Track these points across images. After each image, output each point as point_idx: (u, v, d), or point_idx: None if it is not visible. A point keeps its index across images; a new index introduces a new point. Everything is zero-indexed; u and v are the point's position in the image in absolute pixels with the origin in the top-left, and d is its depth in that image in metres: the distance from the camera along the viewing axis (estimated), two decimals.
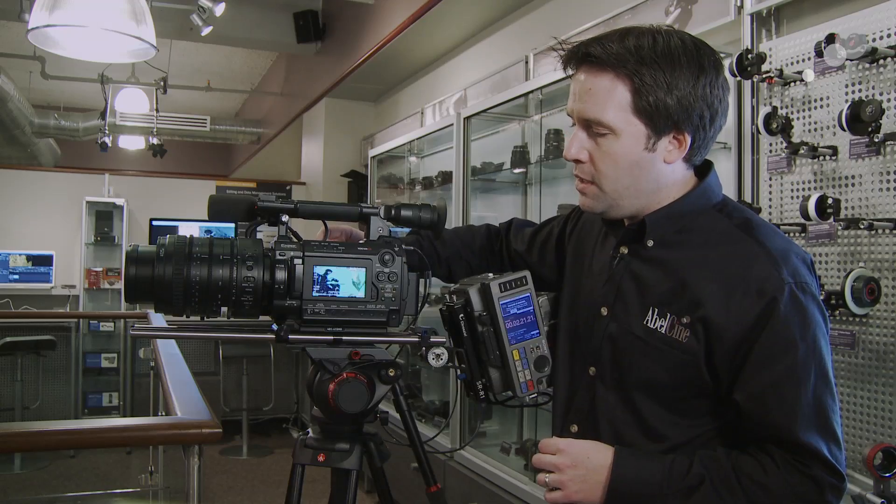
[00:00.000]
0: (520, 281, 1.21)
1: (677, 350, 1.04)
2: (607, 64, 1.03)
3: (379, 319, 1.13)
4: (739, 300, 1.01)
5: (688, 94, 1.03)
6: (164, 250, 1.05)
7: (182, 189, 6.57)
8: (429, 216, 1.22)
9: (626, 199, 1.10)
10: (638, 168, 1.07)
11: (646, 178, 1.08)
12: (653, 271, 1.10)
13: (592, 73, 1.06)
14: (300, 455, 1.20)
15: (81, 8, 2.73)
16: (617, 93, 1.04)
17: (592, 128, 1.07)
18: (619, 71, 1.03)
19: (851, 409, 1.99)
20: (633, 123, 1.04)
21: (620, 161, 1.06)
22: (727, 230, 1.07)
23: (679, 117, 1.04)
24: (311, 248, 1.10)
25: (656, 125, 1.04)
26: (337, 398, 1.10)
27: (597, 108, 1.05)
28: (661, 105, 1.03)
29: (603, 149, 1.06)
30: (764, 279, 1.00)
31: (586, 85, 1.06)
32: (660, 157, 1.06)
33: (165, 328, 1.25)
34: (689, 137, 1.05)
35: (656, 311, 1.07)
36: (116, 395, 6.04)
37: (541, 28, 3.81)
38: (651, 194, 1.10)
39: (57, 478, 4.89)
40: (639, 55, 1.02)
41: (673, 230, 1.10)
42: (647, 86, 1.02)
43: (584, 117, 1.07)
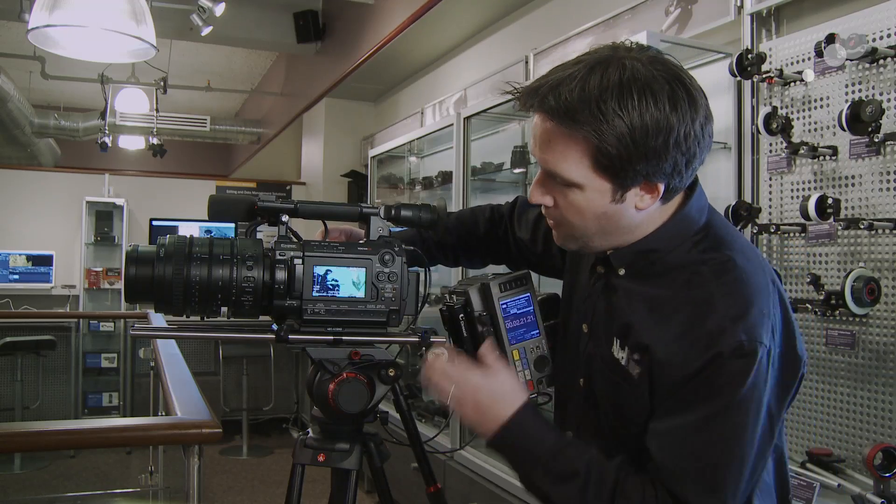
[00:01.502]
0: (520, 281, 1.21)
1: (628, 384, 1.01)
2: (563, 122, 0.94)
3: (379, 319, 1.13)
4: (686, 350, 0.94)
5: (656, 144, 0.92)
6: (164, 250, 1.05)
7: (182, 189, 6.57)
8: (429, 216, 1.22)
9: (596, 241, 1.05)
10: (605, 218, 1.00)
11: (616, 225, 1.02)
12: (619, 300, 1.06)
13: (550, 126, 0.96)
14: (300, 455, 1.19)
15: (81, 8, 2.73)
16: (576, 151, 0.95)
17: (556, 178, 0.99)
18: (576, 130, 0.93)
19: (851, 409, 1.99)
20: (597, 180, 0.96)
21: (586, 213, 1.00)
22: (696, 271, 0.99)
23: (648, 171, 0.95)
24: (311, 248, 1.10)
25: (622, 181, 0.96)
26: (337, 398, 1.10)
27: (557, 161, 0.97)
28: (625, 161, 0.93)
29: (568, 199, 1.00)
30: (716, 334, 0.93)
31: (545, 136, 0.98)
32: (630, 205, 0.99)
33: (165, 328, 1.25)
34: (662, 186, 0.97)
35: (618, 342, 1.04)
36: (116, 395, 6.04)
37: (541, 28, 3.81)
38: (623, 234, 1.03)
39: (57, 478, 4.89)
40: (598, 108, 0.91)
41: (643, 263, 1.04)
42: (608, 144, 0.92)
43: (545, 168, 1.00)
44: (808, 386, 2.12)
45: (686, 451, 0.94)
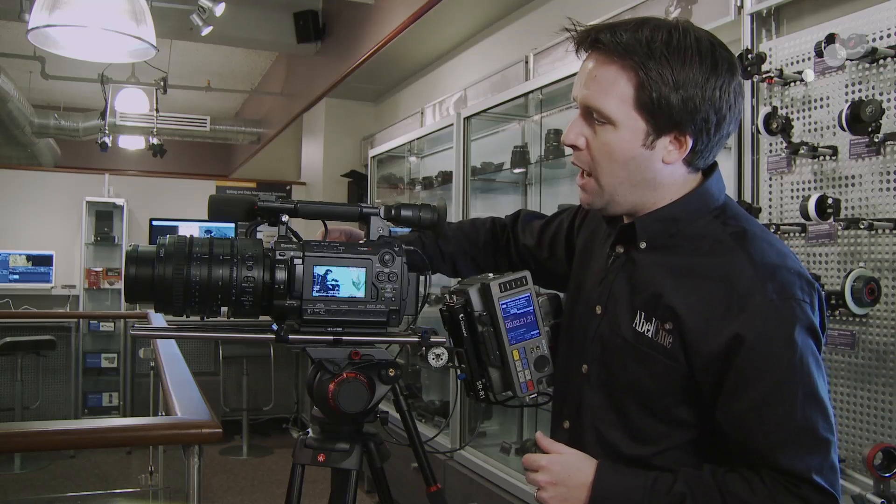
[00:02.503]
0: (520, 281, 1.21)
1: (661, 355, 1.01)
2: (615, 53, 1.01)
3: (379, 319, 1.13)
4: (718, 317, 0.96)
5: (695, 94, 0.98)
6: (164, 250, 1.05)
7: (182, 189, 6.57)
8: (429, 216, 1.22)
9: (621, 193, 1.06)
10: (634, 163, 1.03)
11: (642, 175, 1.04)
12: (642, 274, 1.07)
13: (600, 61, 1.04)
14: (300, 455, 1.20)
15: (81, 8, 2.73)
16: (620, 84, 1.01)
17: (593, 115, 1.04)
18: (626, 62, 1.00)
19: (851, 409, 1.99)
20: (633, 118, 1.01)
21: (616, 154, 1.03)
22: (719, 239, 1.02)
23: (682, 118, 0.99)
24: (311, 248, 1.10)
25: (657, 123, 1.00)
26: (337, 398, 1.10)
27: (599, 96, 1.02)
28: (664, 103, 0.98)
29: (600, 138, 1.04)
30: (745, 296, 0.95)
31: (592, 72, 1.05)
32: (658, 155, 1.02)
33: (165, 328, 1.25)
34: (691, 140, 1.01)
35: (643, 315, 1.04)
36: (116, 395, 6.04)
37: (541, 28, 3.81)
38: (647, 191, 1.05)
39: (57, 478, 4.89)
40: (649, 48, 0.98)
41: (666, 234, 1.06)
42: (653, 81, 0.98)
43: (585, 104, 1.05)
44: None
45: (773, 423, 0.94)
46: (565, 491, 1.02)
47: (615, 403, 1.08)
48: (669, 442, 1.03)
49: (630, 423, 1.06)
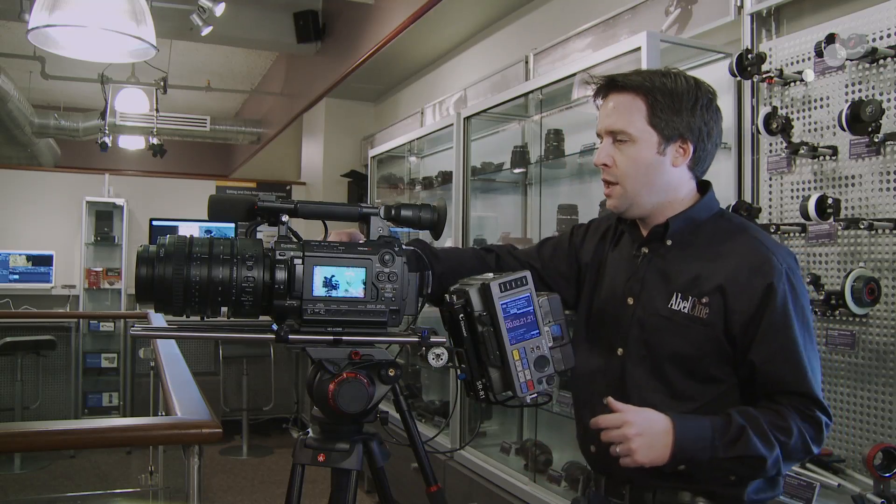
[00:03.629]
0: (520, 281, 1.21)
1: (699, 325, 1.27)
2: (630, 87, 1.33)
3: (379, 319, 1.13)
4: (747, 280, 1.26)
5: (688, 113, 1.32)
6: (164, 250, 1.05)
7: (182, 189, 6.56)
8: (429, 216, 1.22)
9: (643, 196, 1.34)
10: (652, 169, 1.32)
11: (658, 178, 1.33)
12: (673, 264, 1.34)
13: (618, 94, 1.35)
14: (300, 455, 1.19)
15: (81, 8, 2.72)
16: (636, 107, 1.32)
17: (617, 137, 1.33)
18: (638, 91, 1.32)
19: (851, 409, 1.99)
20: (648, 132, 1.31)
21: (638, 162, 1.32)
22: (729, 230, 1.36)
23: (683, 129, 1.32)
24: (311, 248, 1.10)
25: (665, 134, 1.31)
26: (337, 398, 1.09)
27: (621, 120, 1.32)
28: (668, 119, 1.31)
29: (624, 153, 1.33)
30: (764, 262, 1.27)
31: (613, 104, 1.35)
32: (668, 160, 1.33)
33: (165, 328, 1.25)
34: (692, 146, 1.33)
35: (679, 296, 1.30)
36: (116, 395, 6.04)
37: (541, 28, 3.81)
38: (662, 193, 1.35)
39: (57, 478, 4.89)
40: (652, 81, 1.33)
41: (688, 232, 1.36)
42: (659, 103, 1.31)
43: (611, 129, 1.34)
44: None
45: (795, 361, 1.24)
46: (650, 439, 1.19)
47: (657, 372, 1.31)
48: (704, 398, 1.29)
49: (671, 386, 1.30)
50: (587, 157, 2.92)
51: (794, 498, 1.79)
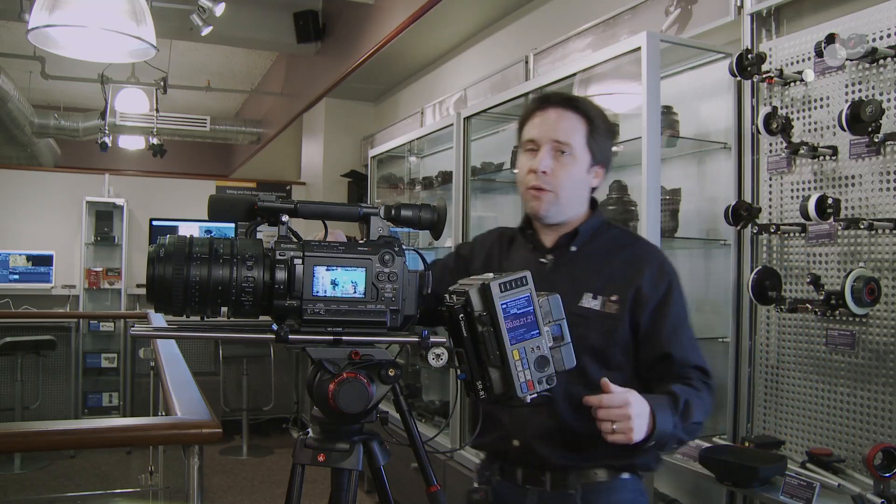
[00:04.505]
0: (520, 281, 1.21)
1: (610, 320, 1.45)
2: (578, 107, 1.50)
3: (379, 319, 1.12)
4: (651, 280, 1.47)
5: (608, 144, 1.55)
6: (164, 250, 1.05)
7: (182, 189, 6.56)
8: (429, 216, 1.22)
9: (568, 206, 1.51)
10: (581, 184, 1.51)
11: (582, 193, 1.53)
12: (581, 268, 1.51)
13: (565, 111, 1.50)
14: (300, 455, 1.19)
15: (81, 8, 2.72)
16: (580, 127, 1.49)
17: (561, 149, 1.47)
18: (585, 115, 1.49)
19: (851, 409, 1.99)
20: (585, 151, 1.49)
21: (575, 176, 1.49)
22: (622, 236, 1.61)
23: (603, 156, 1.53)
24: (311, 248, 1.10)
25: (595, 157, 1.51)
26: (337, 398, 1.09)
27: (567, 134, 1.48)
28: (600, 144, 1.51)
29: (564, 165, 1.48)
30: (662, 263, 1.51)
31: (559, 117, 1.49)
32: (589, 180, 1.53)
33: (165, 328, 1.25)
34: (603, 172, 1.55)
35: (590, 296, 1.47)
36: (116, 395, 6.03)
37: (541, 28, 3.81)
38: (579, 207, 1.54)
39: (57, 478, 4.89)
40: (591, 107, 1.53)
41: (590, 240, 1.54)
42: (596, 129, 1.50)
43: (556, 139, 1.47)
44: (808, 386, 2.12)
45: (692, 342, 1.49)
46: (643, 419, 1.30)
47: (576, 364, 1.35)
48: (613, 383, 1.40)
49: (587, 376, 1.41)
50: None
51: (794, 498, 1.79)
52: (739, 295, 2.36)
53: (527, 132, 1.52)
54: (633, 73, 2.43)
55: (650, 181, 2.25)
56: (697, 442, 2.17)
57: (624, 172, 2.81)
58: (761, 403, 2.27)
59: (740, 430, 2.32)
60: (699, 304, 2.59)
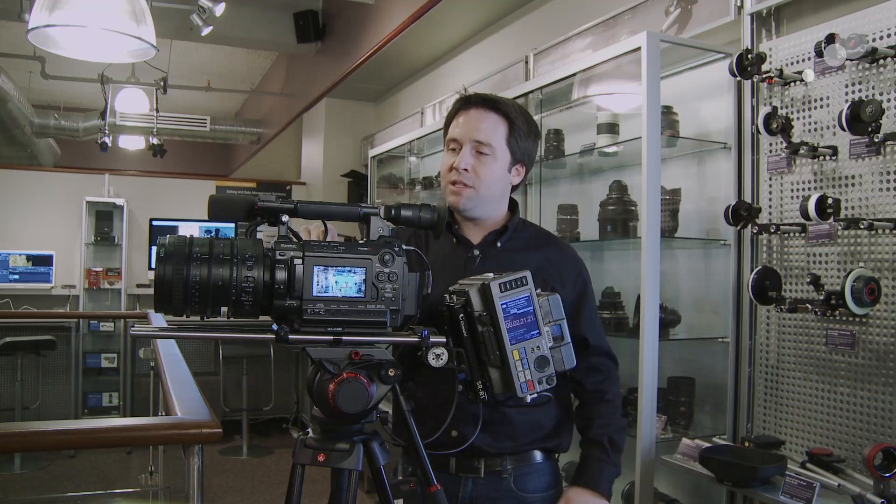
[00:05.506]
0: (520, 281, 1.21)
1: None
2: (499, 108, 1.56)
3: (379, 319, 1.12)
4: (571, 273, 1.61)
5: (529, 143, 1.61)
6: (164, 250, 1.05)
7: (182, 189, 6.56)
8: (429, 216, 1.22)
9: (489, 202, 1.59)
10: (502, 182, 1.59)
11: (501, 191, 1.60)
12: (505, 263, 1.53)
13: (486, 112, 1.56)
14: (300, 455, 1.19)
15: (81, 8, 2.72)
16: (500, 128, 1.56)
17: (480, 148, 1.54)
18: (501, 114, 1.56)
19: (851, 408, 1.99)
20: (505, 151, 1.56)
21: (495, 174, 1.56)
22: (540, 234, 1.71)
23: (524, 154, 1.60)
24: (311, 248, 1.10)
25: (515, 155, 1.58)
26: (337, 398, 1.09)
27: (488, 134, 1.55)
28: (520, 144, 1.58)
29: (485, 164, 1.55)
30: (577, 259, 1.66)
31: (480, 117, 1.56)
32: (510, 178, 1.60)
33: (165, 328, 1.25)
34: (524, 171, 1.63)
35: None
36: (116, 395, 6.04)
37: (541, 28, 3.81)
38: (500, 204, 1.62)
39: (57, 478, 4.89)
40: (513, 108, 1.58)
41: (513, 237, 1.62)
42: (517, 128, 1.56)
43: (476, 139, 1.54)
44: (808, 386, 2.12)
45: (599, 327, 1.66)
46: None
47: None
48: None
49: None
50: (587, 157, 2.92)
51: (794, 498, 1.79)
52: (739, 295, 2.36)
53: (450, 132, 1.60)
54: (633, 73, 2.43)
55: (650, 181, 2.25)
56: (697, 442, 2.17)
57: (624, 172, 2.82)
58: (761, 403, 2.27)
59: (740, 430, 2.32)
60: (699, 304, 2.59)
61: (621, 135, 2.75)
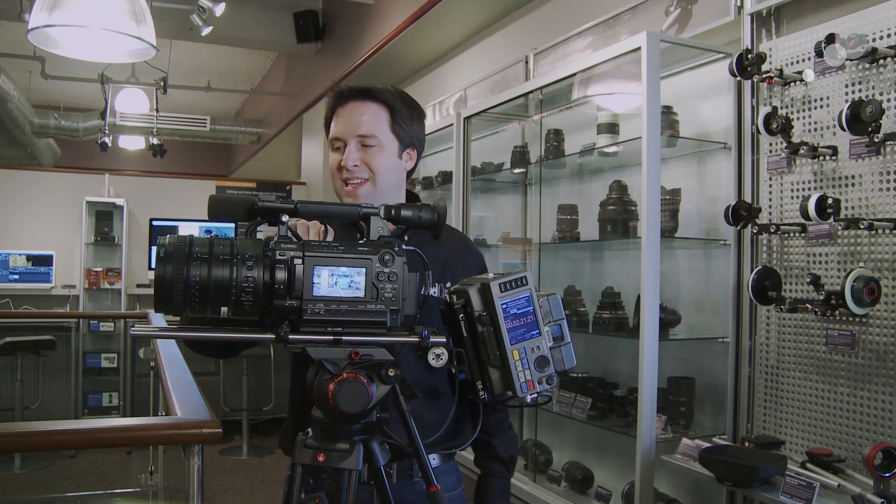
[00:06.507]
0: (520, 281, 1.21)
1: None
2: (376, 96, 1.53)
3: (379, 319, 1.12)
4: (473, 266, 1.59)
5: (415, 126, 1.58)
6: (164, 250, 1.05)
7: (182, 189, 6.56)
8: (429, 216, 1.22)
9: (387, 192, 1.54)
10: (395, 169, 1.55)
11: (397, 178, 1.57)
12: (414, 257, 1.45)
13: (363, 103, 1.52)
14: (300, 455, 1.19)
15: (81, 8, 2.72)
16: (382, 116, 1.53)
17: (366, 141, 1.51)
18: (381, 103, 1.53)
19: (851, 408, 1.99)
20: (391, 138, 1.53)
21: (386, 162, 1.53)
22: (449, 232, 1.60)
23: (412, 138, 1.57)
24: (311, 248, 1.10)
25: (402, 140, 1.55)
26: (337, 398, 1.09)
27: (370, 126, 1.51)
28: (405, 126, 1.55)
29: (372, 155, 1.51)
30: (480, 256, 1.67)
31: (359, 110, 1.52)
32: (403, 164, 1.58)
33: (165, 328, 1.25)
34: (416, 154, 1.61)
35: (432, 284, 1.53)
36: (116, 395, 6.04)
37: (541, 28, 3.81)
38: (398, 192, 1.58)
39: (57, 478, 4.89)
40: (392, 94, 1.55)
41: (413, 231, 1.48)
42: (398, 112, 1.54)
43: (359, 133, 1.51)
44: (808, 386, 2.12)
45: None
46: None
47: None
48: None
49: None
50: (587, 157, 2.92)
51: (794, 498, 1.79)
52: (739, 295, 2.36)
53: (332, 131, 1.55)
54: (633, 73, 2.43)
55: (650, 181, 2.25)
56: (697, 442, 2.17)
57: (624, 172, 2.82)
58: (761, 403, 2.27)
59: (740, 430, 2.32)
60: (699, 304, 2.60)
61: (621, 135, 2.75)
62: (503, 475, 1.59)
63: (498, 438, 1.59)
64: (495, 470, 1.59)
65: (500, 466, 1.59)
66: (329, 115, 1.57)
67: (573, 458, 2.82)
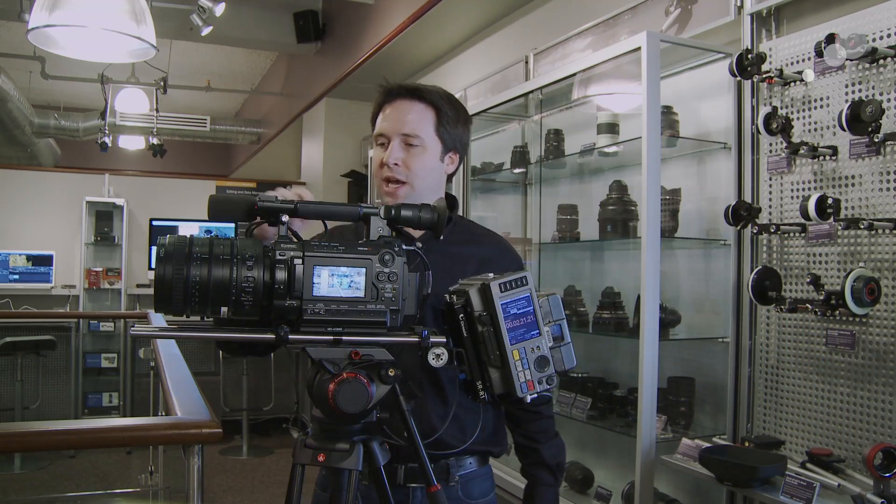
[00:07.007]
0: (520, 281, 1.21)
1: None
2: (424, 97, 1.52)
3: (379, 319, 1.12)
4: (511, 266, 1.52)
5: (460, 130, 1.57)
6: (164, 250, 1.05)
7: (182, 189, 6.56)
8: (429, 216, 1.22)
9: (426, 195, 1.50)
10: (435, 172, 1.55)
11: (437, 181, 1.57)
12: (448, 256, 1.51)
13: (411, 102, 1.52)
14: (300, 455, 1.19)
15: (81, 8, 2.72)
16: (428, 117, 1.52)
17: (409, 140, 1.50)
18: (428, 104, 1.52)
19: (851, 408, 1.99)
20: (435, 140, 1.53)
21: (427, 164, 1.52)
22: (475, 227, 1.70)
23: (456, 142, 1.57)
24: (311, 248, 1.10)
25: (446, 144, 1.55)
26: (337, 398, 1.09)
27: (415, 125, 1.51)
28: (450, 131, 1.54)
29: (414, 156, 1.51)
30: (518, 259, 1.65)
31: (406, 109, 1.52)
32: (444, 167, 1.58)
33: (165, 328, 1.25)
34: (458, 158, 1.60)
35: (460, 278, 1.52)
36: (116, 395, 6.04)
37: (541, 28, 3.81)
38: (436, 195, 1.55)
39: (57, 478, 4.89)
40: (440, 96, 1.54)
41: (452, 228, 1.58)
42: (445, 115, 1.53)
43: (404, 132, 1.50)
44: (808, 386, 2.12)
45: None
46: None
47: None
48: None
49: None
50: (587, 156, 2.92)
51: (794, 498, 1.79)
52: (739, 295, 2.36)
53: (377, 127, 1.55)
54: (633, 73, 2.43)
55: (650, 181, 2.25)
56: (697, 442, 2.17)
57: (624, 172, 2.82)
58: (761, 403, 2.27)
59: (740, 430, 2.32)
60: (699, 304, 2.60)
61: (621, 135, 2.75)
62: (551, 483, 1.56)
63: (544, 445, 1.57)
64: (543, 478, 1.56)
65: (547, 474, 1.57)
66: (376, 111, 1.57)
67: (573, 458, 2.82)
